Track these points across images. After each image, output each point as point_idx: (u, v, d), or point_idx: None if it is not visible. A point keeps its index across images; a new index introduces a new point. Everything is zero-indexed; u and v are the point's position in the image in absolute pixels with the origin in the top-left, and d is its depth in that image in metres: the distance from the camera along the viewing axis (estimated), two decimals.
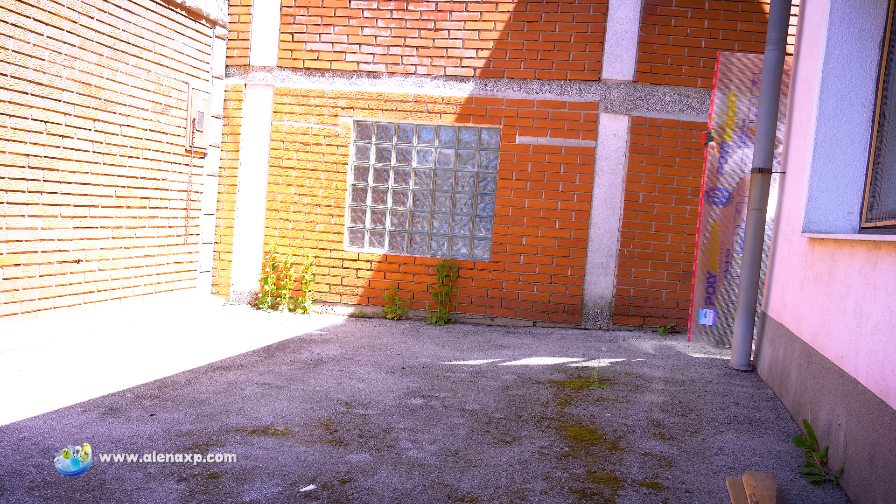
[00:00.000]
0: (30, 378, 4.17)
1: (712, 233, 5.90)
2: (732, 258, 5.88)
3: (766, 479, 2.87)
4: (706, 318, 5.94)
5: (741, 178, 5.83)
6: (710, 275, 5.91)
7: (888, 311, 2.70)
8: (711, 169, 5.86)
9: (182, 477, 2.79)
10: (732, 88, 5.81)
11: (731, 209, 5.89)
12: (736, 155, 5.84)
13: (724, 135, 5.84)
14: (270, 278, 7.22)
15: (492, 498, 2.74)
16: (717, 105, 5.80)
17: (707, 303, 5.93)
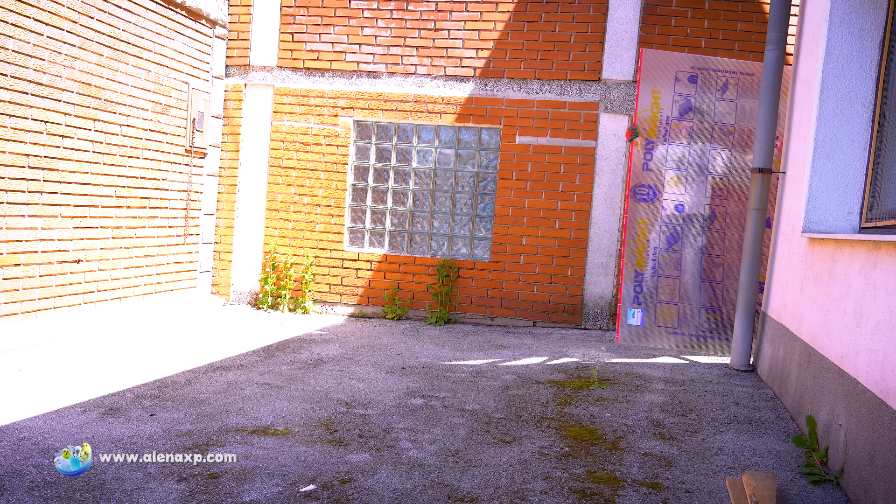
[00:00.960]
0: (30, 378, 4.17)
1: (639, 231, 5.83)
2: (659, 256, 5.81)
3: (766, 479, 2.87)
4: (634, 317, 5.82)
5: (665, 174, 5.80)
6: (637, 273, 5.81)
7: (888, 311, 2.70)
8: (637, 165, 5.82)
9: (182, 477, 2.79)
10: (657, 85, 5.77)
11: (656, 206, 5.83)
12: (660, 151, 5.80)
13: (649, 131, 5.78)
14: (270, 278, 7.22)
15: (492, 498, 2.74)
16: (641, 101, 5.75)
17: (635, 302, 5.83)
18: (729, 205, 5.83)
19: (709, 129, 5.82)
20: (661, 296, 5.80)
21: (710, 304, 5.81)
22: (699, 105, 5.81)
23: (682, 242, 5.80)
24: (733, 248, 5.81)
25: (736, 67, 5.83)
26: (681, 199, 5.83)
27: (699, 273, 5.80)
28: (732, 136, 5.82)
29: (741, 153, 5.83)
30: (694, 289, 5.78)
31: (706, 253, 5.81)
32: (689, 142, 5.82)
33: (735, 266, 5.81)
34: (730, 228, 5.82)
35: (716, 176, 5.84)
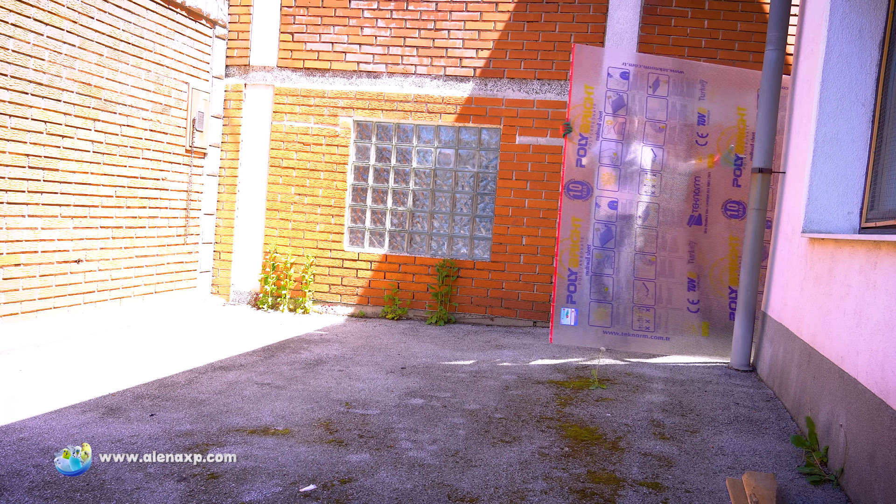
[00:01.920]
0: (30, 378, 4.17)
1: (573, 229, 5.70)
2: (593, 254, 5.70)
3: (766, 479, 2.87)
4: (568, 317, 5.67)
5: (599, 171, 5.73)
6: (571, 272, 5.69)
7: (888, 311, 2.70)
8: (570, 162, 5.70)
9: (182, 477, 2.79)
10: (589, 80, 5.71)
11: (590, 203, 5.73)
12: (594, 148, 5.71)
13: (583, 127, 5.69)
14: (270, 278, 7.22)
15: (492, 498, 2.74)
16: (575, 96, 5.67)
17: (569, 301, 5.69)
18: (662, 202, 5.78)
19: (641, 125, 5.78)
20: (595, 294, 5.71)
21: (643, 303, 5.74)
22: (631, 101, 5.77)
23: (615, 240, 5.74)
24: (666, 246, 5.76)
25: (666, 65, 5.81)
26: (614, 195, 5.76)
27: (632, 271, 5.74)
28: (664, 133, 5.79)
29: (673, 149, 5.79)
30: (627, 287, 5.71)
31: (640, 251, 5.76)
32: (623, 138, 5.76)
33: (669, 263, 5.77)
34: (663, 225, 5.78)
35: (649, 172, 5.80)
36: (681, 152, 5.80)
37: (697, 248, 5.77)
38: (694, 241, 5.79)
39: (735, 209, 5.78)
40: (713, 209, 5.80)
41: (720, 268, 5.79)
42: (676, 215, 5.78)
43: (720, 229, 5.79)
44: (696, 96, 5.83)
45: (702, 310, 5.74)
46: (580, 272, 5.69)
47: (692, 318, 5.74)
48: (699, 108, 5.81)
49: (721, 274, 5.78)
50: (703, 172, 5.79)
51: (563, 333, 5.68)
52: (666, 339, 5.72)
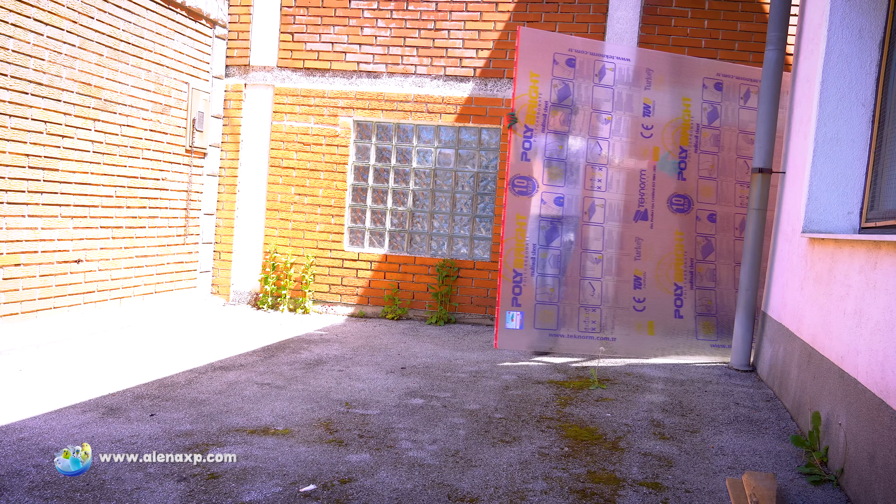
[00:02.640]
0: (30, 378, 4.17)
1: (518, 227, 5.38)
2: (538, 254, 5.41)
3: (766, 479, 2.87)
4: (513, 321, 5.37)
5: (544, 165, 5.42)
6: (516, 273, 5.37)
7: (888, 311, 2.70)
8: (515, 156, 5.36)
9: (182, 477, 2.79)
10: (535, 67, 5.35)
11: (535, 200, 5.41)
12: (539, 141, 5.39)
13: (528, 118, 5.34)
14: (270, 278, 7.22)
15: (492, 498, 2.74)
16: (519, 85, 5.30)
17: (514, 304, 5.38)
18: (609, 197, 5.56)
19: (587, 116, 5.50)
20: (541, 296, 5.43)
21: (589, 303, 5.51)
22: (578, 91, 5.46)
23: (561, 238, 5.47)
24: (612, 243, 5.55)
25: (613, 52, 5.57)
26: (560, 191, 5.47)
27: (578, 270, 5.51)
28: (610, 125, 5.53)
29: (619, 143, 5.57)
30: (573, 287, 5.48)
31: (585, 248, 5.52)
32: (569, 130, 5.47)
33: (615, 261, 5.59)
34: (609, 222, 5.55)
35: (595, 167, 5.55)
36: (626, 145, 5.58)
37: (644, 245, 5.59)
38: (640, 238, 5.60)
39: (681, 203, 5.63)
40: (659, 204, 5.62)
41: (666, 264, 5.62)
42: (622, 211, 5.59)
43: (666, 224, 5.62)
44: (641, 86, 5.60)
45: (648, 308, 5.57)
46: (525, 273, 5.40)
47: (638, 317, 5.56)
48: (645, 99, 5.59)
49: (667, 270, 5.62)
50: (649, 166, 5.60)
51: (508, 337, 5.42)
52: (612, 339, 5.54)
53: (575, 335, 5.51)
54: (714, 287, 5.72)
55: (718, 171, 5.72)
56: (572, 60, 5.42)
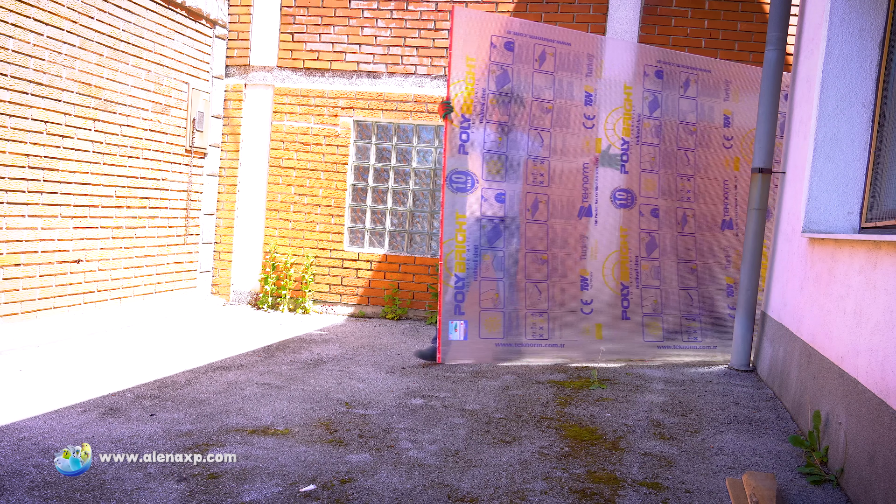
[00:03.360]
0: (30, 378, 4.17)
1: (458, 227, 4.83)
2: (481, 256, 4.90)
3: (766, 479, 2.87)
4: (457, 331, 4.83)
5: (484, 158, 4.93)
6: (458, 278, 4.83)
7: (888, 311, 2.70)
8: (452, 149, 4.84)
9: (182, 477, 2.79)
10: (471, 50, 4.85)
11: (475, 197, 4.91)
12: (477, 132, 4.89)
13: (465, 107, 4.83)
14: (270, 278, 7.22)
15: (492, 498, 2.74)
16: (455, 70, 4.77)
17: (457, 313, 4.83)
18: (552, 192, 5.12)
19: (528, 106, 5.05)
20: (486, 302, 4.91)
21: (536, 308, 5.05)
22: (517, 78, 4.99)
23: (504, 238, 4.97)
24: (557, 242, 5.13)
25: (553, 35, 5.12)
26: (501, 187, 4.98)
27: (524, 273, 5.04)
28: (551, 115, 5.11)
29: (561, 133, 5.14)
30: (518, 291, 5.00)
31: (530, 249, 5.07)
32: (508, 120, 4.99)
33: (560, 261, 5.16)
34: (553, 219, 5.12)
35: (537, 160, 5.08)
36: (568, 136, 5.17)
37: (589, 243, 5.22)
38: (585, 235, 5.22)
39: (624, 198, 5.31)
40: (603, 199, 5.26)
41: (612, 263, 5.28)
42: (566, 207, 5.19)
43: (611, 221, 5.27)
44: (583, 72, 5.21)
45: (595, 310, 5.20)
46: (467, 277, 4.86)
47: (586, 320, 5.17)
48: (586, 87, 5.21)
49: (613, 269, 5.28)
50: (591, 159, 5.23)
51: (452, 350, 4.86)
52: (560, 345, 5.12)
53: (522, 343, 5.05)
54: (659, 286, 5.43)
55: (660, 163, 5.44)
56: (511, 44, 4.95)
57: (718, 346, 5.57)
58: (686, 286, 5.49)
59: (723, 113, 5.67)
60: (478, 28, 4.88)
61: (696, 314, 5.49)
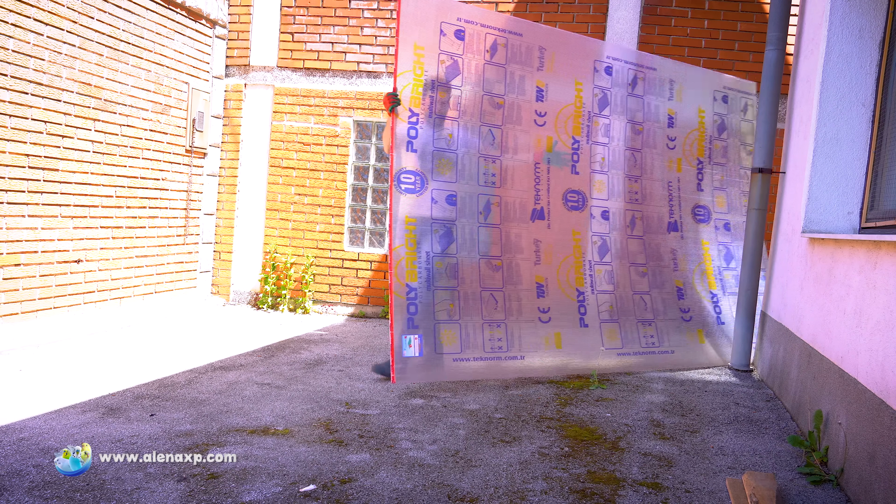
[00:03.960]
0: (30, 378, 4.17)
1: (408, 231, 4.34)
2: (433, 263, 4.38)
3: (766, 479, 2.87)
4: (412, 347, 4.26)
5: (433, 157, 4.45)
6: (410, 288, 4.30)
7: (888, 311, 2.70)
8: (400, 145, 4.35)
9: (182, 477, 2.79)
10: (420, 38, 4.40)
11: (425, 199, 4.42)
12: (426, 128, 4.44)
13: (413, 100, 4.37)
14: (270, 278, 7.22)
15: (492, 498, 2.74)
16: (402, 59, 4.32)
17: (410, 326, 4.26)
18: (504, 194, 4.71)
19: (479, 100, 4.63)
20: (441, 314, 4.38)
21: (493, 318, 4.59)
22: (468, 69, 4.59)
23: (457, 243, 4.50)
24: (511, 247, 4.72)
25: (504, 25, 4.73)
26: (452, 188, 4.53)
27: (478, 280, 4.57)
28: (503, 111, 4.73)
29: (513, 131, 4.75)
30: (474, 301, 4.52)
31: (484, 255, 4.62)
32: (459, 116, 4.57)
33: (515, 268, 4.74)
34: (507, 222, 4.70)
35: (488, 159, 4.69)
36: (520, 134, 4.81)
37: (543, 247, 4.83)
38: (539, 240, 4.83)
39: (575, 200, 4.98)
40: (555, 201, 4.91)
41: (566, 267, 4.92)
42: (519, 210, 4.79)
43: (563, 224, 4.94)
44: (534, 66, 4.84)
45: (553, 318, 4.80)
46: (420, 288, 4.33)
47: (544, 330, 4.75)
48: (538, 81, 4.83)
49: (568, 275, 4.91)
50: (542, 158, 4.86)
51: (408, 369, 4.25)
52: (520, 357, 4.66)
53: (481, 357, 4.54)
54: (613, 290, 5.13)
55: (609, 164, 5.20)
56: (461, 32, 4.53)
57: (676, 350, 5.25)
58: (639, 291, 5.22)
59: (667, 112, 5.47)
60: (426, 13, 4.45)
61: (651, 319, 5.18)
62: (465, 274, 4.49)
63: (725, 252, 5.73)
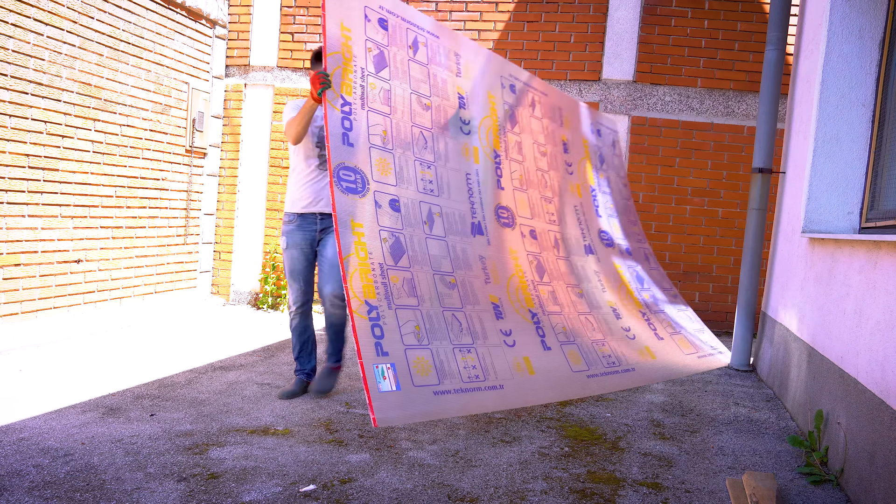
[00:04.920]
0: (30, 378, 4.17)
1: (357, 239, 3.47)
2: (389, 277, 3.55)
3: (766, 479, 2.87)
4: (385, 379, 3.23)
5: (371, 154, 3.73)
6: (371, 307, 3.38)
7: (888, 311, 2.70)
8: (336, 136, 3.57)
9: (182, 477, 2.79)
10: (346, 18, 3.81)
11: (369, 202, 3.64)
12: (360, 121, 3.74)
13: (345, 87, 3.69)
14: (270, 278, 7.22)
15: (492, 498, 2.74)
16: (330, 39, 3.64)
17: (380, 353, 3.28)
18: (443, 203, 4.11)
19: (408, 98, 4.14)
20: (408, 337, 3.50)
21: (461, 342, 3.77)
22: (394, 63, 4.09)
23: (408, 256, 3.76)
24: (461, 262, 4.03)
25: (423, 24, 4.31)
26: (393, 192, 3.83)
27: (437, 298, 3.81)
28: (431, 113, 4.25)
29: (442, 136, 4.25)
30: (437, 321, 3.71)
31: (436, 270, 3.89)
32: (391, 112, 3.97)
33: (469, 286, 3.99)
34: (451, 235, 4.05)
35: (423, 164, 4.10)
36: (449, 141, 4.31)
37: (489, 265, 4.24)
38: (483, 256, 4.22)
39: (506, 216, 4.51)
40: (489, 215, 4.41)
41: (514, 287, 4.36)
42: (459, 222, 4.20)
43: (500, 240, 4.42)
44: (454, 72, 4.47)
45: (517, 342, 4.09)
46: (381, 306, 3.46)
47: (513, 354, 3.99)
48: (458, 88, 4.46)
49: (518, 295, 4.33)
50: (472, 169, 4.40)
51: (386, 408, 3.07)
52: (500, 387, 3.72)
53: (462, 389, 3.59)
54: (560, 311, 4.61)
55: (527, 182, 4.83)
56: (384, 22, 4.07)
57: (636, 367, 4.62)
58: (582, 312, 4.78)
59: (561, 139, 5.31)
60: None
61: (602, 339, 4.69)
62: (423, 291, 3.71)
63: (636, 275, 5.56)
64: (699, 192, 6.76)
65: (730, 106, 6.67)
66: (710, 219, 6.78)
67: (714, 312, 6.81)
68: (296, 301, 4.20)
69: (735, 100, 6.66)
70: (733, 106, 6.67)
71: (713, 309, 6.81)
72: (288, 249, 4.14)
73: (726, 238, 6.76)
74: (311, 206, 4.13)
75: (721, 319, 6.80)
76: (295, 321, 4.25)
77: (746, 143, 6.65)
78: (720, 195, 6.75)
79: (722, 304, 6.80)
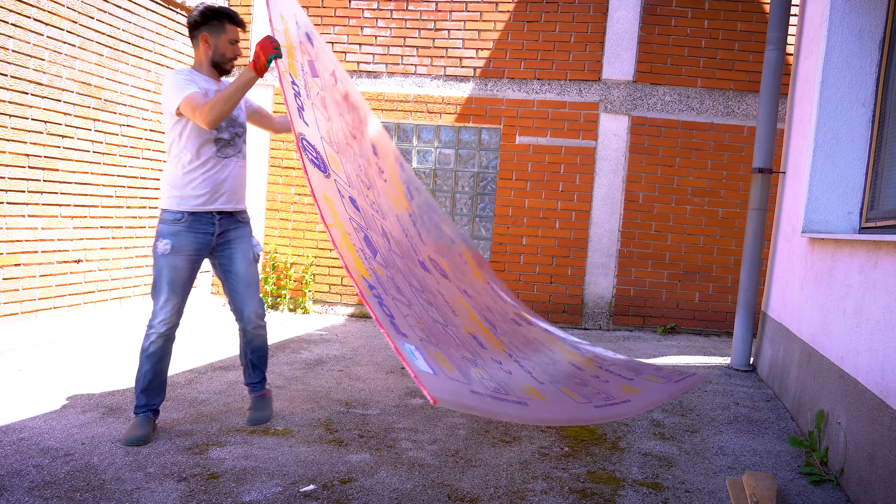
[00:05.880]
0: (30, 378, 4.17)
1: (332, 212, 2.76)
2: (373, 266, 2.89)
3: (766, 479, 2.87)
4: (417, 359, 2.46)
5: (324, 149, 3.15)
6: (370, 285, 2.67)
7: (888, 311, 2.70)
8: (293, 106, 2.97)
9: (182, 477, 2.79)
10: (284, 9, 3.43)
11: (332, 188, 3.01)
12: (308, 112, 3.22)
13: (292, 67, 3.22)
14: (270, 278, 7.22)
15: (492, 498, 2.73)
16: (274, 18, 3.17)
17: (399, 333, 2.56)
18: (391, 229, 3.51)
19: (339, 106, 3.76)
20: (415, 330, 2.84)
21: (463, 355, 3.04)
22: (323, 75, 3.69)
23: (383, 257, 3.12)
24: (427, 289, 3.35)
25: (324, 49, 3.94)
26: (349, 192, 3.27)
27: (424, 309, 3.12)
28: (358, 126, 3.93)
29: (363, 137, 3.88)
30: (435, 329, 2.99)
31: (412, 285, 3.18)
32: (325, 107, 3.48)
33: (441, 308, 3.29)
34: (407, 260, 3.41)
35: (363, 184, 3.53)
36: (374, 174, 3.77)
37: (447, 297, 3.57)
38: (438, 289, 3.57)
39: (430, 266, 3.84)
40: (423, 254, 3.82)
41: (472, 318, 3.69)
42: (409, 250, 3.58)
43: (437, 272, 3.78)
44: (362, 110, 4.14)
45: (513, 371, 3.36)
46: (377, 286, 2.78)
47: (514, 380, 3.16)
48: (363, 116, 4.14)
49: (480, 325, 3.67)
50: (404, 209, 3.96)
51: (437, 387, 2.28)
52: (525, 404, 2.86)
53: (494, 396, 2.79)
54: (529, 358, 3.73)
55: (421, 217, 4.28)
56: (310, 36, 3.80)
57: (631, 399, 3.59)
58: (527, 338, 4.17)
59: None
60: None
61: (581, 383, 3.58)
62: (409, 297, 3.06)
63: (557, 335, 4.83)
64: (699, 192, 6.77)
65: (730, 106, 6.67)
66: (710, 219, 6.78)
67: (714, 312, 6.81)
68: (166, 321, 3.21)
69: (735, 100, 6.66)
70: (733, 106, 6.67)
71: (713, 309, 6.81)
72: (170, 255, 3.16)
73: (726, 238, 6.77)
74: (206, 203, 3.22)
75: (721, 319, 6.80)
76: (156, 345, 3.22)
77: (746, 143, 6.66)
78: (720, 195, 6.75)
79: (722, 304, 6.80)
